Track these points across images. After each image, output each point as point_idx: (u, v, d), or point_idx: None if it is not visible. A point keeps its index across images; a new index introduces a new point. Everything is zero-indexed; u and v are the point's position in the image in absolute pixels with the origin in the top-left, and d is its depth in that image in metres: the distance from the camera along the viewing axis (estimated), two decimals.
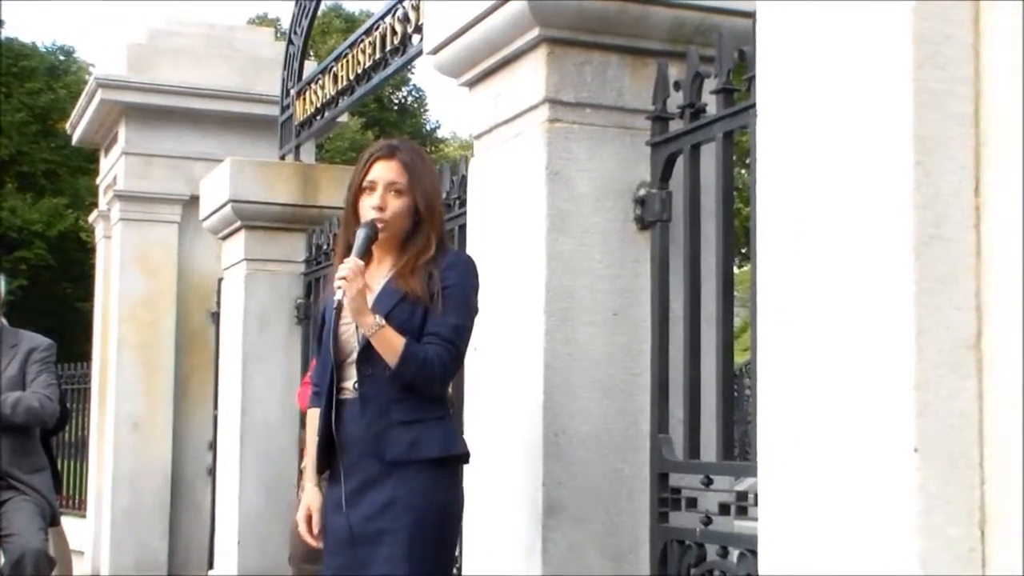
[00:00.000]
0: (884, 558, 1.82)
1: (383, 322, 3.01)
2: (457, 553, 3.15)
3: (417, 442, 3.01)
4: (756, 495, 2.79)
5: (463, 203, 4.17)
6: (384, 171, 3.16)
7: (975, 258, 1.83)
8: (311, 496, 3.27)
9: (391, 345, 3.00)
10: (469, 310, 3.13)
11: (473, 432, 3.67)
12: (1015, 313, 1.76)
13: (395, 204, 3.13)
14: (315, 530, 3.23)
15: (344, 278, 3.00)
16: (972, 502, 1.80)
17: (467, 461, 3.18)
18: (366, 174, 3.19)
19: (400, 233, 3.15)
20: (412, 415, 3.02)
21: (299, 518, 3.32)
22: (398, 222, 3.13)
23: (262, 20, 29.67)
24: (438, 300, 3.03)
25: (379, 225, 3.12)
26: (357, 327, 3.07)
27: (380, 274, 3.17)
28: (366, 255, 3.12)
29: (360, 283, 3.01)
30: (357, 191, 3.20)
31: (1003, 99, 1.82)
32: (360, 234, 3.14)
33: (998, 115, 1.83)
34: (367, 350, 3.05)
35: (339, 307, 3.07)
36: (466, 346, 3.14)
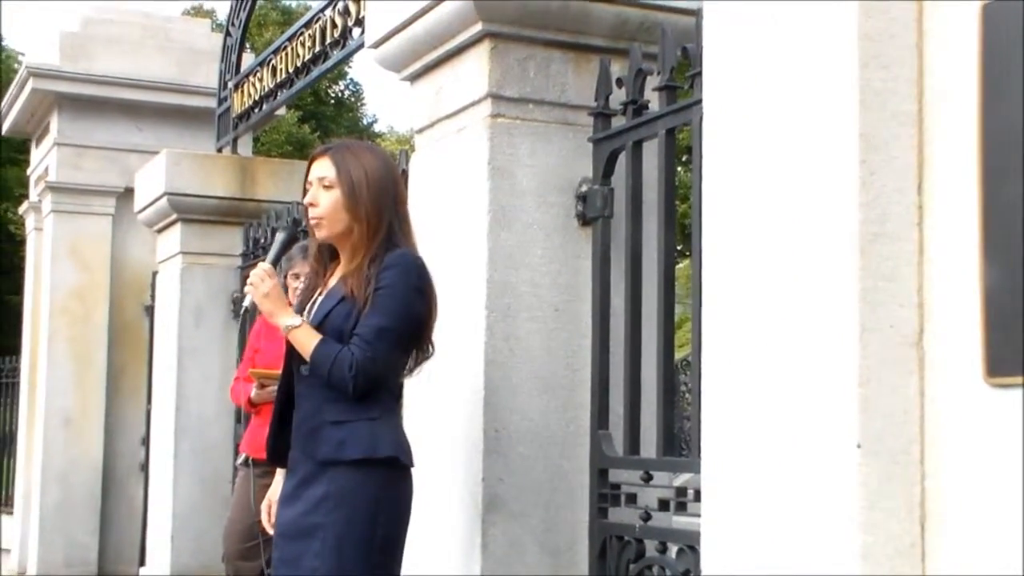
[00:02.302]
0: (826, 553, 1.84)
1: (296, 322, 3.03)
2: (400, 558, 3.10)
3: (345, 442, 2.98)
4: (695, 491, 2.81)
5: None
6: (317, 169, 3.14)
7: (918, 256, 1.84)
8: (273, 489, 3.43)
9: (304, 345, 3.01)
10: (400, 311, 3.01)
11: (413, 428, 3.65)
12: (957, 311, 1.78)
13: (326, 199, 3.09)
14: (272, 519, 3.32)
15: (252, 283, 3.10)
16: (913, 498, 1.82)
17: (402, 464, 3.07)
18: (307, 175, 3.17)
19: (345, 227, 3.09)
20: (343, 415, 3.00)
21: (262, 508, 3.51)
22: (333, 216, 3.09)
23: (197, 11, 29.34)
24: (370, 301, 2.99)
25: (312, 222, 3.11)
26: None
27: (340, 273, 3.15)
28: (280, 257, 3.26)
29: (267, 286, 3.07)
30: (303, 196, 3.19)
31: (946, 99, 1.84)
32: (278, 236, 3.25)
33: (940, 114, 1.85)
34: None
35: (246, 312, 3.26)
36: (390, 348, 3.00)
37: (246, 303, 3.17)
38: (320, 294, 3.14)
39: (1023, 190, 1.69)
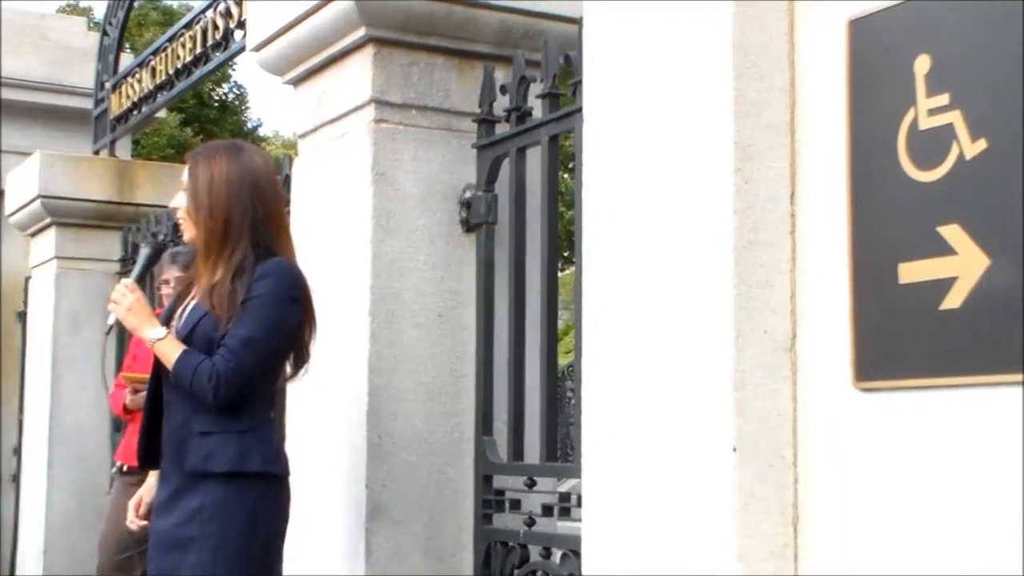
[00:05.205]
0: (703, 555, 1.87)
1: (161, 335, 3.00)
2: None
3: (212, 455, 2.93)
4: (578, 496, 2.84)
5: (287, 203, 4.10)
6: (183, 172, 3.10)
7: (791, 263, 1.89)
8: (147, 487, 3.45)
9: (167, 357, 2.98)
10: (270, 321, 2.94)
11: (296, 434, 3.62)
12: (827, 317, 1.83)
13: (182, 202, 3.08)
14: (140, 512, 3.35)
15: (114, 300, 3.09)
16: (786, 500, 1.86)
17: (275, 478, 3.01)
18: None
19: (210, 236, 3.03)
20: (210, 426, 2.94)
21: (130, 503, 3.53)
22: (186, 220, 3.08)
23: (73, 9, 28.61)
24: (241, 310, 2.94)
25: (182, 227, 3.09)
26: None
27: (207, 283, 3.09)
28: (144, 274, 3.28)
29: (128, 301, 3.05)
30: None
31: (817, 109, 1.89)
32: (142, 251, 3.29)
33: (811, 125, 1.90)
34: None
35: (110, 330, 3.27)
36: (257, 359, 2.94)
37: (110, 320, 3.14)
38: (193, 298, 3.08)
39: (889, 199, 1.75)
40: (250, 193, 3.00)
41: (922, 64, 1.71)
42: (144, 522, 3.27)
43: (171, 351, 2.97)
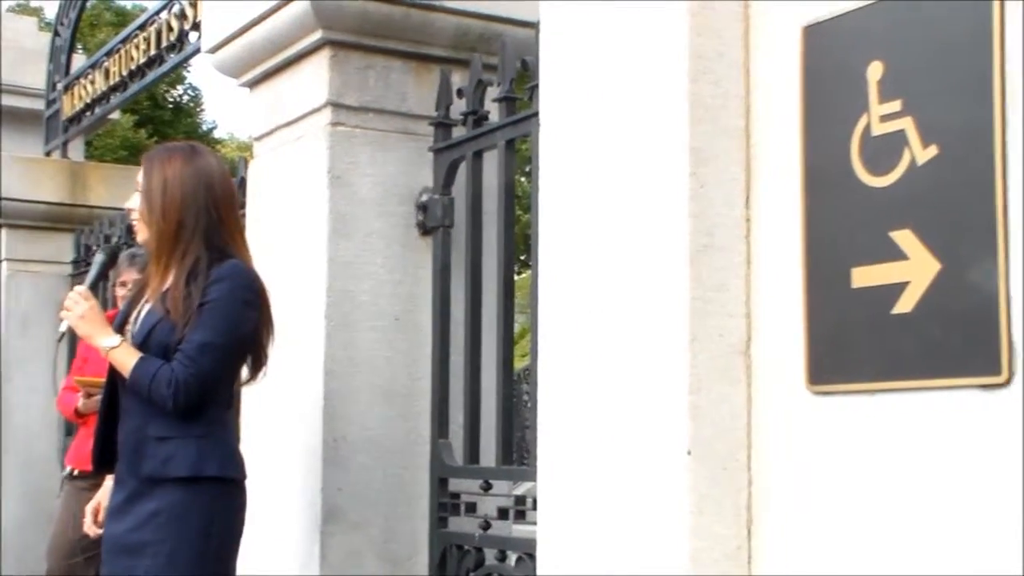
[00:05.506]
0: (657, 557, 1.88)
1: (115, 343, 2.97)
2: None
3: (171, 459, 2.91)
4: (534, 499, 2.84)
5: (242, 206, 4.08)
6: (139, 173, 3.08)
7: (746, 267, 1.90)
8: (103, 491, 3.39)
9: (123, 364, 2.95)
10: (226, 326, 2.93)
11: (251, 437, 3.59)
12: (781, 320, 1.85)
13: (136, 203, 3.07)
14: (99, 520, 3.31)
15: (66, 307, 3.05)
16: (740, 502, 1.87)
17: (232, 482, 2.99)
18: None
19: (162, 238, 3.01)
20: (167, 431, 2.92)
21: (87, 509, 3.47)
22: (139, 221, 3.06)
23: (23, 8, 28.28)
24: (197, 314, 2.92)
25: (136, 228, 3.06)
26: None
27: (160, 287, 3.06)
28: (98, 281, 3.26)
29: (81, 309, 3.01)
30: None
31: (771, 114, 1.91)
32: (96, 258, 3.25)
33: (766, 130, 1.91)
34: None
35: (62, 337, 3.27)
36: (216, 364, 2.91)
37: (62, 328, 3.11)
38: (147, 302, 3.05)
39: (842, 204, 1.76)
40: (205, 196, 2.98)
41: (875, 71, 1.73)
42: (100, 530, 3.24)
43: (127, 359, 2.94)
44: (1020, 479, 1.52)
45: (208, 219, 2.97)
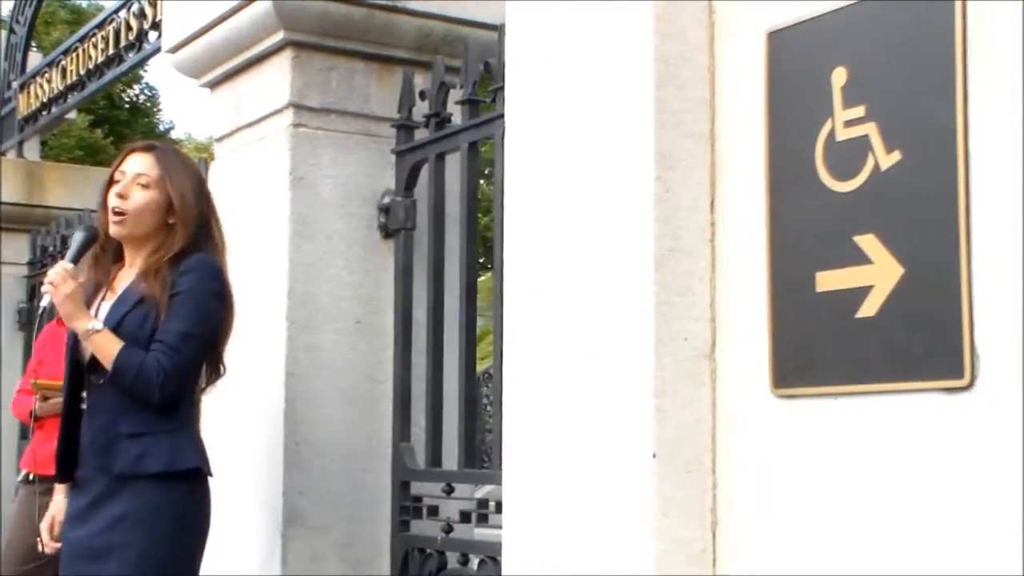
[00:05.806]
0: (622, 559, 1.88)
1: (98, 326, 2.90)
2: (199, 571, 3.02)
3: (144, 455, 2.88)
4: (496, 503, 2.84)
5: None
6: (135, 163, 3.03)
7: (711, 271, 1.91)
8: (57, 505, 3.24)
9: (106, 351, 2.88)
10: (201, 316, 2.93)
11: (213, 440, 3.56)
12: (746, 324, 1.86)
13: (139, 196, 2.99)
14: (55, 534, 3.21)
15: (52, 283, 2.91)
16: (705, 505, 1.88)
17: (203, 475, 3.00)
18: (119, 166, 3.05)
19: (148, 231, 3.00)
20: (139, 427, 2.89)
21: (42, 527, 3.31)
22: (141, 216, 2.99)
23: None
24: (168, 305, 2.90)
25: (115, 218, 2.99)
26: None
27: (129, 276, 3.02)
28: (80, 257, 3.04)
29: (69, 287, 2.90)
30: (108, 184, 3.05)
31: (736, 119, 1.92)
32: (77, 236, 3.08)
33: (731, 135, 1.92)
34: (97, 359, 2.93)
35: (44, 313, 3.10)
36: (195, 354, 2.93)
37: (44, 303, 2.96)
38: (103, 298, 3.01)
39: (807, 209, 1.78)
40: (208, 196, 3.11)
41: (839, 76, 1.74)
42: (58, 544, 3.17)
43: (110, 346, 2.88)
44: (982, 481, 1.54)
45: (206, 217, 3.07)
